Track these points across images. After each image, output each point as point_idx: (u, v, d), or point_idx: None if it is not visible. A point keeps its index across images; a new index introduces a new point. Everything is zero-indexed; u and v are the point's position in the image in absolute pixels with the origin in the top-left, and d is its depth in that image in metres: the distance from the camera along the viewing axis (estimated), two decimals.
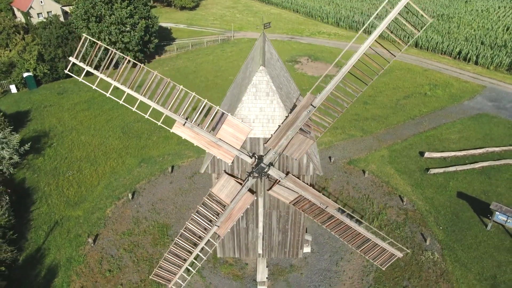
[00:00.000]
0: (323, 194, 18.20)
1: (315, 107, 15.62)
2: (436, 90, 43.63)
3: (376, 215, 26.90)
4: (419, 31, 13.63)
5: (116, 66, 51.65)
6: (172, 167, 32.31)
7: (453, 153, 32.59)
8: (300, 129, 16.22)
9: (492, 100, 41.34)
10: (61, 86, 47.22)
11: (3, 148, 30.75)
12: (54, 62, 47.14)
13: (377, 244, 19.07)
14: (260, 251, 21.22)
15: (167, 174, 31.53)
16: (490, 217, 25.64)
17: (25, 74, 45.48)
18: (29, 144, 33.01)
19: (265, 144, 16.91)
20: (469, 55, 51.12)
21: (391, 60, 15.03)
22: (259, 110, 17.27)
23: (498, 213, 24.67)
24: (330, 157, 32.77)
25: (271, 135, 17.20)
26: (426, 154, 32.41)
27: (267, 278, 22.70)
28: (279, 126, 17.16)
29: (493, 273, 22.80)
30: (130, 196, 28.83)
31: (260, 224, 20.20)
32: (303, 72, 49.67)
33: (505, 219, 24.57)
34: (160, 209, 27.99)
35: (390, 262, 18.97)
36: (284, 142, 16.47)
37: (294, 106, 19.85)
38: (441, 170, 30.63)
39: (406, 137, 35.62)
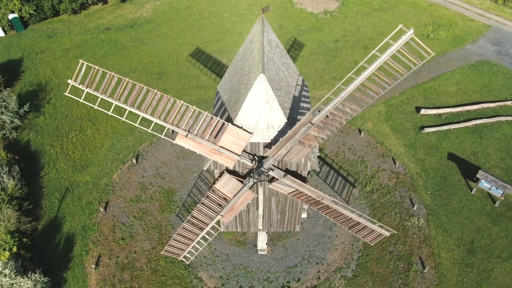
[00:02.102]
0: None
1: (313, 124, 16.03)
2: (439, 31, 42.17)
3: (369, 179, 28.49)
4: (419, 62, 13.47)
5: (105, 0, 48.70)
6: None
7: (448, 110, 33.09)
8: (299, 141, 16.81)
9: (495, 44, 40.32)
10: (50, 27, 45.18)
11: (2, 113, 30.99)
12: (39, 0, 44.41)
13: (367, 226, 20.91)
14: (260, 227, 23.15)
15: (168, 135, 32.25)
16: (476, 180, 27.21)
17: (11, 16, 43.22)
18: (27, 104, 33.09)
19: (265, 154, 17.60)
20: None
21: (387, 89, 15.05)
22: (259, 116, 17.60)
23: (483, 181, 26.23)
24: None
25: (270, 140, 17.86)
26: (422, 111, 32.91)
27: (266, 244, 25.06)
28: (278, 132, 17.71)
29: (471, 238, 25.17)
30: (134, 160, 29.99)
31: (260, 207, 21.77)
32: (303, 7, 47.13)
33: (489, 186, 26.22)
34: (164, 173, 29.39)
35: (378, 240, 20.99)
36: (283, 152, 17.19)
37: (293, 98, 20.07)
38: (435, 129, 31.48)
39: (404, 89, 35.66)
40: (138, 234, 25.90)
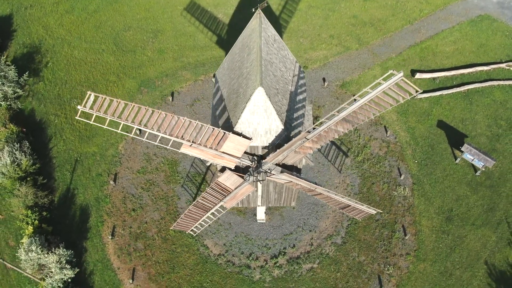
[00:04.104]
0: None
1: (308, 139, 17.28)
2: None
3: (361, 148, 30.19)
4: (408, 97, 14.33)
5: None
6: (172, 93, 33.58)
7: (443, 73, 33.61)
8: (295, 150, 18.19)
9: None
10: None
11: (3, 84, 31.39)
12: None
13: (356, 207, 23.18)
14: (259, 203, 25.42)
15: (168, 103, 33.11)
16: (461, 150, 28.91)
17: None
18: (27, 73, 33.29)
19: (263, 160, 19.05)
20: None
21: (376, 115, 15.98)
22: (257, 124, 18.73)
23: (467, 153, 28.01)
24: (324, 79, 33.80)
25: (268, 144, 19.20)
26: (417, 75, 33.44)
27: (265, 213, 27.57)
28: (275, 137, 18.97)
29: (450, 206, 27.70)
30: (137, 131, 31.17)
31: (259, 190, 23.78)
32: None
33: (472, 158, 28.07)
34: (167, 143, 30.80)
35: (365, 216, 23.45)
36: (280, 158, 18.66)
37: (291, 95, 20.91)
38: (427, 95, 32.38)
39: (401, 50, 35.68)
40: (147, 205, 28.25)
